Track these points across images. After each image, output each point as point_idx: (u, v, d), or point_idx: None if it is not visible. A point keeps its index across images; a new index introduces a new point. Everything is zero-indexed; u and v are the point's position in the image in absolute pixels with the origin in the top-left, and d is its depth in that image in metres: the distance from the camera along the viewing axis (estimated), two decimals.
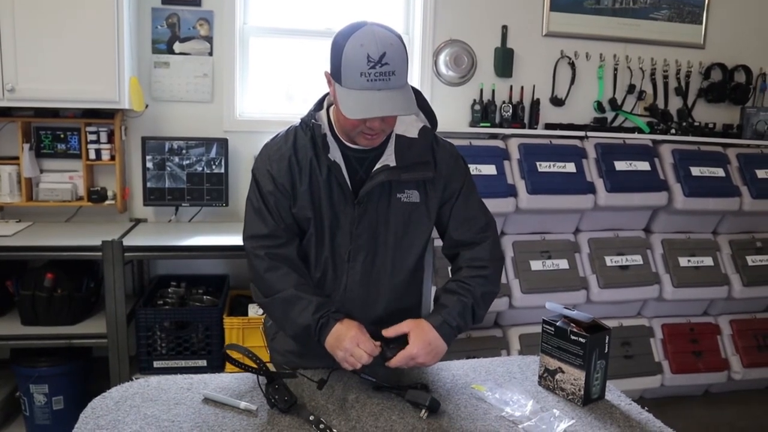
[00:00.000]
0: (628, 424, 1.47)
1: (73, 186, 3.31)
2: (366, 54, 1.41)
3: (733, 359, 3.80)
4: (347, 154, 1.63)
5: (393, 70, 1.43)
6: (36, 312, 2.89)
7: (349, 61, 1.43)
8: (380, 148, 1.62)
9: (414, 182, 1.64)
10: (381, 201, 1.63)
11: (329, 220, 1.63)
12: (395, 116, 1.54)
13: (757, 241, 3.92)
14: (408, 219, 1.65)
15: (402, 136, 1.63)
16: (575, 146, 3.64)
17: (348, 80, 1.44)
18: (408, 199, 1.64)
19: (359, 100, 1.43)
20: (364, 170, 1.63)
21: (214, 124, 3.47)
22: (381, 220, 1.64)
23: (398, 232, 1.66)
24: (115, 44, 3.01)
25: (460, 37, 3.72)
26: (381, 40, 1.43)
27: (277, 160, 1.63)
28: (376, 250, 1.67)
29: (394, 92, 1.44)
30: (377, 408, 1.49)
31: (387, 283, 1.70)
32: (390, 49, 1.43)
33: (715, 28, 4.09)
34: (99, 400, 1.50)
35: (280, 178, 1.62)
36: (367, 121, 1.49)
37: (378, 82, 1.42)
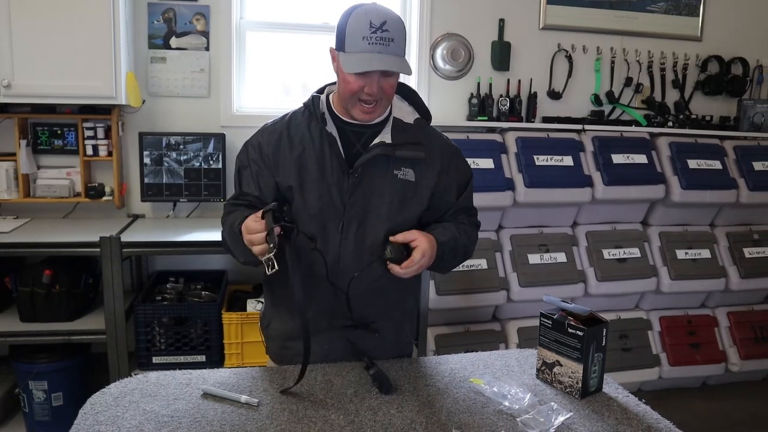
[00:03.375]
0: (626, 417, 1.48)
1: (70, 182, 3.31)
2: (369, 21, 1.55)
3: (731, 351, 3.81)
4: (344, 129, 1.70)
5: (392, 38, 1.55)
6: (34, 308, 2.89)
7: (353, 27, 1.56)
8: (378, 127, 1.70)
9: (409, 161, 1.70)
10: (377, 174, 1.68)
11: (318, 193, 1.66)
12: (392, 85, 1.62)
13: (754, 233, 3.93)
14: (403, 195, 1.70)
15: (399, 120, 1.73)
16: (572, 139, 3.65)
17: (351, 45, 1.56)
18: (404, 176, 1.70)
19: (361, 58, 1.55)
20: (361, 145, 1.70)
21: (212, 119, 3.46)
22: (376, 192, 1.68)
23: (393, 205, 1.69)
24: (112, 40, 3.00)
25: (457, 30, 3.71)
26: (383, 11, 1.58)
27: (269, 132, 1.74)
28: (369, 222, 1.69)
29: (392, 56, 1.55)
30: (375, 402, 1.49)
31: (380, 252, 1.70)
32: (390, 20, 1.56)
33: (712, 21, 4.09)
34: (98, 396, 1.51)
35: (267, 148, 1.71)
36: (366, 86, 1.58)
37: (378, 45, 1.54)
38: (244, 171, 1.75)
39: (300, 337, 1.58)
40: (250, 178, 1.72)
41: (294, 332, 1.73)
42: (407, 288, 1.83)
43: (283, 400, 1.49)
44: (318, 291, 1.70)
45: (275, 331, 1.84)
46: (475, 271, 3.37)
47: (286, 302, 1.77)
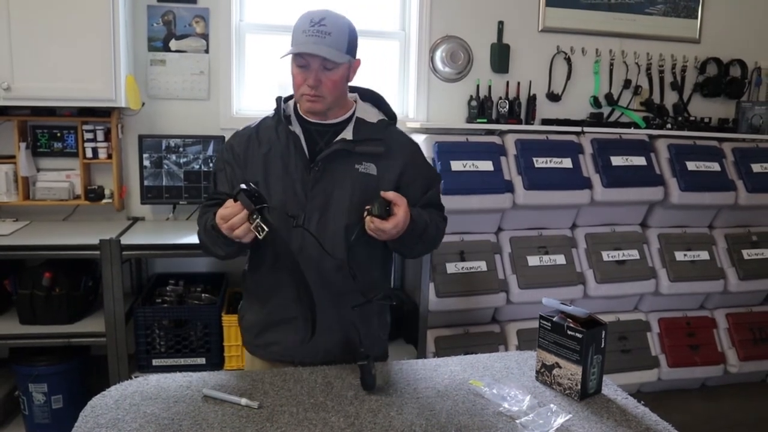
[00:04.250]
0: (625, 418, 1.48)
1: (70, 185, 3.31)
2: (310, 18, 1.68)
3: (730, 352, 3.82)
4: (309, 129, 1.81)
5: (329, 32, 1.66)
6: (34, 311, 2.89)
7: (297, 25, 1.70)
8: (341, 126, 1.81)
9: (371, 156, 1.79)
10: (338, 168, 1.77)
11: (282, 186, 1.76)
12: (333, 80, 1.70)
13: (753, 235, 3.94)
14: (365, 188, 1.76)
15: (361, 119, 1.82)
16: (572, 142, 3.65)
17: (293, 39, 1.69)
18: (365, 170, 1.78)
19: (294, 48, 1.67)
20: (324, 143, 1.80)
21: (211, 122, 3.47)
22: (337, 185, 1.77)
23: (354, 197, 1.76)
24: (111, 42, 3.01)
25: (456, 33, 3.73)
26: (325, 11, 1.70)
27: (240, 135, 1.87)
28: (331, 213, 1.76)
29: (324, 46, 1.65)
30: (376, 405, 1.50)
31: (341, 245, 1.75)
32: (330, 16, 1.69)
33: (711, 23, 4.11)
34: (98, 399, 1.51)
35: (238, 148, 1.83)
36: (307, 78, 1.69)
37: (314, 37, 1.65)
38: (219, 173, 1.86)
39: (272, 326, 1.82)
40: (225, 179, 1.83)
41: (265, 321, 1.85)
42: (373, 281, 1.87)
43: (283, 403, 1.49)
44: (283, 279, 1.78)
45: (248, 323, 1.92)
46: (474, 273, 3.37)
47: (257, 293, 1.88)
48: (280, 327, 1.83)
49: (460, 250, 3.39)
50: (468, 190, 3.32)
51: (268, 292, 1.84)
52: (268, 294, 1.84)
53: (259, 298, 1.87)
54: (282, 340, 1.82)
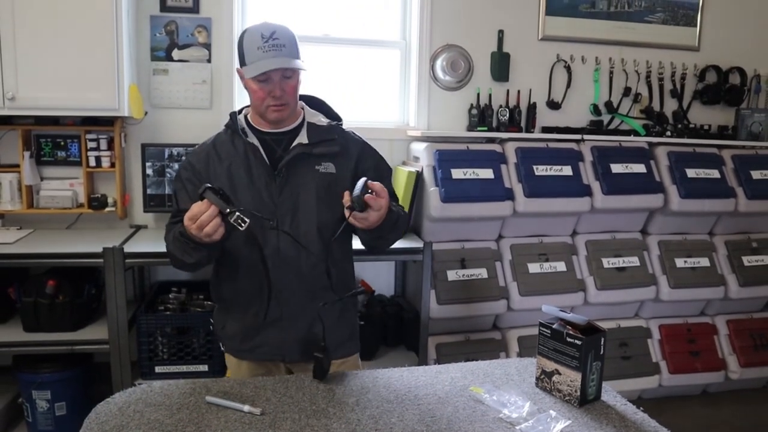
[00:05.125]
0: (624, 425, 1.49)
1: (73, 193, 3.33)
2: (260, 33, 1.77)
3: (730, 359, 3.82)
4: (264, 138, 1.90)
5: (283, 44, 1.76)
6: (38, 318, 2.91)
7: (248, 43, 1.79)
8: (294, 133, 1.91)
9: (328, 156, 1.90)
10: (300, 171, 1.87)
11: (251, 195, 1.83)
12: (293, 86, 1.82)
13: (753, 242, 3.95)
14: (328, 186, 1.88)
15: (312, 123, 1.93)
16: (572, 149, 3.66)
17: (249, 57, 1.78)
18: (325, 170, 1.89)
19: (258, 65, 1.75)
20: (282, 149, 1.89)
21: (213, 131, 3.39)
22: (302, 188, 1.86)
23: (320, 195, 1.87)
24: (115, 52, 3.03)
25: (456, 42, 3.75)
26: (270, 25, 1.79)
27: (197, 153, 1.95)
28: (300, 214, 1.86)
29: (286, 58, 1.76)
30: (377, 411, 1.51)
31: (315, 243, 1.86)
32: (279, 30, 1.78)
33: (710, 31, 4.13)
34: (103, 406, 1.52)
35: (198, 165, 1.90)
36: (271, 91, 1.78)
37: (271, 51, 1.75)
38: (180, 192, 1.92)
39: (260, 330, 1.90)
40: (186, 197, 1.87)
41: (249, 327, 1.92)
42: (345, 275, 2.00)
43: (285, 410, 1.51)
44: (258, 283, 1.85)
45: (233, 331, 1.97)
46: (475, 280, 3.39)
47: (234, 301, 1.95)
48: (266, 329, 1.91)
49: (461, 258, 3.41)
50: (468, 198, 3.33)
51: (246, 300, 1.91)
52: (247, 302, 1.91)
53: (239, 306, 1.94)
54: (269, 341, 1.92)
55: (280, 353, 1.94)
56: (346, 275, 2.02)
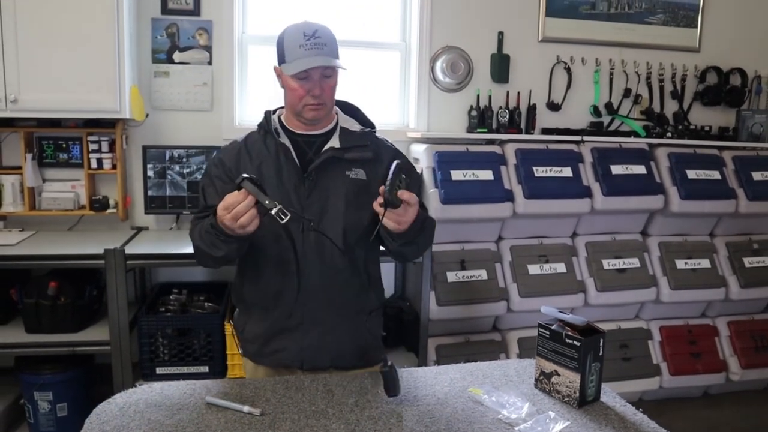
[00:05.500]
0: (623, 426, 1.50)
1: (75, 195, 3.35)
2: (302, 32, 1.74)
3: (731, 360, 3.82)
4: (296, 140, 1.86)
5: (325, 43, 1.74)
6: (40, 320, 2.92)
7: (289, 41, 1.76)
8: (327, 136, 1.87)
9: (359, 162, 1.85)
10: (330, 175, 1.82)
11: (279, 196, 1.73)
12: (332, 86, 1.80)
13: (754, 243, 3.95)
14: (357, 192, 1.83)
15: (345, 128, 1.89)
16: (572, 151, 3.67)
17: (290, 55, 1.75)
18: (356, 176, 1.84)
19: (300, 62, 1.72)
20: (313, 152, 1.85)
21: (214, 133, 3.50)
22: (331, 192, 1.82)
23: (349, 201, 1.82)
24: (116, 54, 3.05)
25: (456, 43, 3.76)
26: (312, 23, 1.77)
27: (228, 150, 1.91)
28: (327, 220, 1.81)
29: (327, 57, 1.73)
30: (376, 412, 1.52)
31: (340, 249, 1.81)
32: (321, 29, 1.76)
33: (710, 32, 4.14)
34: (104, 406, 1.53)
35: (228, 163, 1.86)
36: (310, 89, 1.75)
37: (313, 49, 1.72)
38: (208, 188, 1.88)
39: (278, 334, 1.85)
40: (214, 193, 1.83)
41: (270, 331, 1.88)
42: (366, 287, 1.94)
43: (284, 410, 1.51)
44: (285, 285, 1.82)
45: (251, 333, 1.93)
46: (475, 281, 3.39)
47: (257, 303, 1.91)
48: (285, 334, 1.85)
49: (461, 259, 3.41)
50: (468, 200, 3.34)
51: (269, 302, 1.86)
52: (270, 303, 1.86)
53: (261, 309, 1.89)
54: (289, 346, 1.85)
55: (299, 359, 1.86)
56: (372, 283, 1.96)
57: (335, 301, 1.84)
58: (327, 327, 1.85)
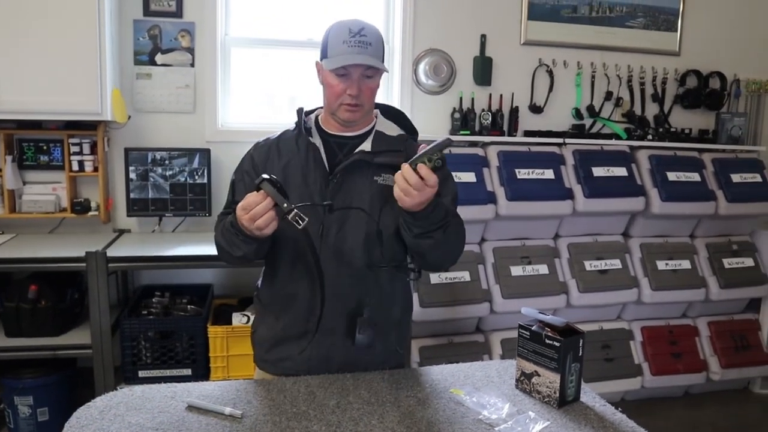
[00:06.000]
0: (602, 425, 1.51)
1: (56, 197, 3.32)
2: (348, 28, 1.70)
3: (712, 360, 3.86)
4: (328, 141, 1.81)
5: (370, 42, 1.69)
6: (20, 324, 2.89)
7: (334, 35, 1.72)
8: (361, 139, 1.80)
9: (390, 168, 1.70)
10: (357, 179, 1.75)
11: (301, 196, 1.70)
12: (372, 88, 1.74)
13: (733, 244, 4.00)
14: (384, 199, 1.72)
15: (381, 132, 1.82)
16: (554, 153, 3.70)
17: (333, 50, 1.70)
18: (384, 181, 1.75)
19: (340, 58, 1.67)
20: (344, 154, 1.79)
21: (197, 135, 3.50)
22: (356, 197, 1.74)
23: (373, 209, 1.73)
24: (97, 56, 3.03)
25: (439, 46, 3.78)
26: (360, 21, 1.73)
27: (261, 146, 1.86)
28: (350, 224, 1.74)
29: (370, 57, 1.68)
30: (357, 413, 1.52)
31: (360, 257, 1.74)
32: (369, 28, 1.72)
33: (690, 36, 4.18)
34: (83, 410, 1.52)
35: (258, 158, 1.83)
36: (348, 88, 1.69)
37: (357, 47, 1.67)
38: (238, 183, 1.85)
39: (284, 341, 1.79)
40: (243, 189, 1.79)
41: (278, 336, 1.81)
42: (392, 295, 1.86)
43: (266, 412, 1.51)
44: (299, 291, 1.77)
45: (261, 337, 1.88)
46: (458, 283, 3.41)
47: (272, 306, 1.84)
48: (292, 342, 1.79)
49: None
50: None
51: (282, 305, 1.81)
52: (282, 308, 1.81)
53: (273, 312, 1.84)
54: (293, 355, 1.79)
55: (306, 369, 1.77)
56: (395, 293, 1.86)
57: (353, 310, 1.76)
58: (340, 337, 1.77)
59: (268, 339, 1.85)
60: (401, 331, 1.96)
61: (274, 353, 1.83)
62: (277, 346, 1.82)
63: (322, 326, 1.73)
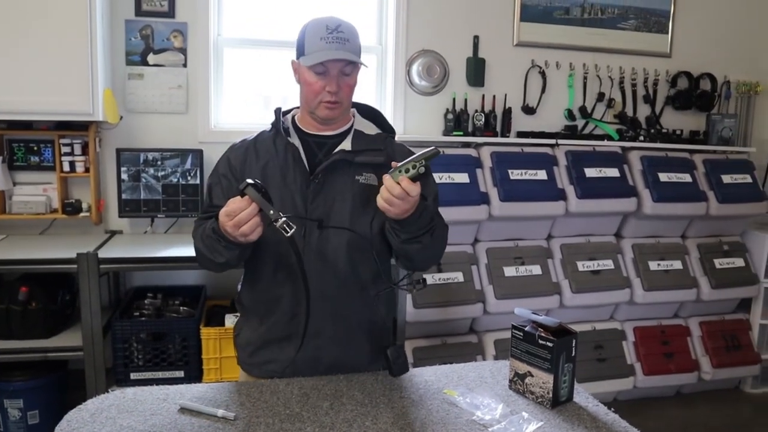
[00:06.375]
0: (595, 425, 1.51)
1: (47, 198, 3.30)
2: (325, 24, 1.69)
3: (703, 360, 3.88)
4: (307, 141, 1.79)
5: (347, 38, 1.69)
6: (10, 325, 2.87)
7: (310, 33, 1.70)
8: (340, 138, 1.80)
9: (371, 166, 1.75)
10: (338, 179, 1.74)
11: (281, 198, 1.70)
12: (350, 85, 1.75)
13: (724, 245, 4.02)
14: (366, 198, 1.72)
15: (360, 131, 1.82)
16: (546, 154, 3.71)
17: (309, 47, 1.69)
18: (366, 180, 1.75)
19: (319, 54, 1.66)
20: (323, 154, 1.77)
21: (189, 135, 3.48)
22: (338, 197, 1.73)
23: (356, 208, 1.73)
24: (89, 56, 3.01)
25: (432, 47, 3.78)
26: (336, 18, 1.72)
27: (237, 148, 1.83)
28: (332, 223, 1.72)
29: (347, 52, 1.68)
30: (351, 415, 1.52)
31: (343, 257, 1.73)
32: (345, 25, 1.71)
33: (681, 38, 4.21)
34: (75, 413, 1.51)
35: (235, 161, 1.80)
36: (327, 85, 1.69)
37: (334, 43, 1.67)
38: (215, 187, 1.82)
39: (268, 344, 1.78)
40: (221, 192, 1.77)
41: (262, 339, 1.80)
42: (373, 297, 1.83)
43: (259, 414, 1.51)
44: (282, 294, 1.75)
45: (244, 340, 1.87)
46: (451, 284, 3.41)
47: (255, 310, 1.83)
48: (276, 344, 1.78)
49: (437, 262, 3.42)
50: (444, 202, 3.24)
51: (266, 308, 1.79)
52: (265, 311, 1.79)
53: (257, 315, 1.82)
54: (279, 357, 1.77)
55: (291, 372, 1.75)
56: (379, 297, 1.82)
57: (337, 312, 1.75)
58: (325, 340, 1.75)
59: (252, 342, 1.83)
60: (389, 334, 1.95)
61: (259, 356, 1.81)
62: (262, 349, 1.81)
63: (307, 328, 1.71)
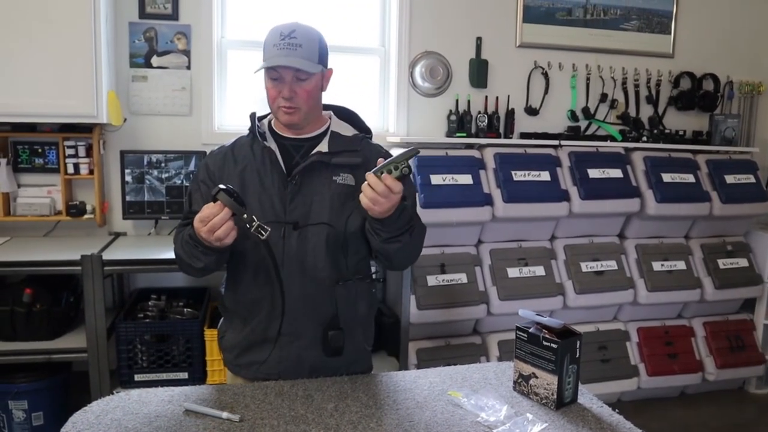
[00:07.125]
0: (599, 427, 1.51)
1: (51, 200, 3.31)
2: (279, 32, 1.70)
3: (707, 360, 3.88)
4: (284, 144, 1.82)
5: (300, 44, 1.69)
6: (15, 327, 2.88)
7: (267, 39, 1.72)
8: (316, 140, 1.83)
9: (348, 167, 1.79)
10: (316, 180, 1.77)
11: (260, 201, 1.74)
12: (307, 90, 1.73)
13: (728, 245, 4.01)
14: (344, 198, 1.76)
15: (336, 132, 1.84)
16: (549, 155, 3.70)
17: (265, 53, 1.72)
18: (343, 181, 1.78)
19: (268, 61, 1.69)
20: (300, 156, 1.80)
21: (193, 137, 3.49)
22: (316, 197, 1.76)
23: (334, 207, 1.76)
24: (93, 59, 3.02)
25: (435, 49, 3.78)
26: (294, 24, 1.72)
27: (215, 155, 1.88)
28: (311, 224, 1.75)
29: (296, 58, 1.68)
30: (356, 416, 1.52)
31: (322, 258, 1.76)
32: (300, 29, 1.71)
33: (684, 38, 4.21)
34: (80, 415, 1.51)
35: (213, 167, 1.83)
36: (282, 91, 1.71)
37: (285, 50, 1.68)
38: (194, 193, 1.85)
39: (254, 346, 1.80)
40: (200, 199, 1.79)
41: (247, 340, 1.83)
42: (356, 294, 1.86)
43: (264, 416, 1.51)
44: (264, 295, 1.78)
45: (229, 342, 1.89)
46: (455, 285, 3.41)
47: (237, 312, 1.86)
48: (262, 346, 1.80)
49: (441, 263, 3.42)
50: (448, 204, 3.36)
51: (248, 310, 1.82)
52: (247, 313, 1.82)
53: (240, 317, 1.85)
54: (265, 358, 1.80)
55: (276, 372, 1.79)
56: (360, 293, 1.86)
57: (318, 313, 1.78)
58: (307, 340, 1.79)
59: (236, 344, 1.86)
60: (367, 329, 1.97)
61: (245, 358, 1.84)
62: (247, 351, 1.83)
63: (289, 329, 1.76)
